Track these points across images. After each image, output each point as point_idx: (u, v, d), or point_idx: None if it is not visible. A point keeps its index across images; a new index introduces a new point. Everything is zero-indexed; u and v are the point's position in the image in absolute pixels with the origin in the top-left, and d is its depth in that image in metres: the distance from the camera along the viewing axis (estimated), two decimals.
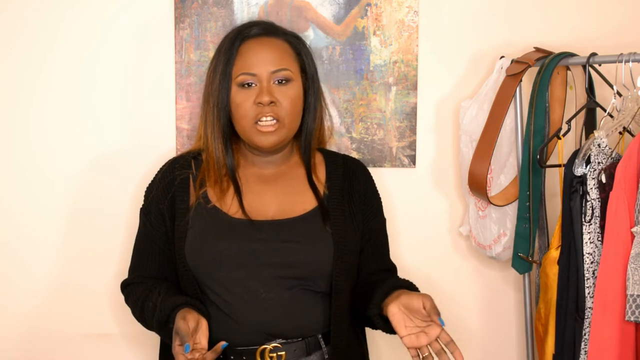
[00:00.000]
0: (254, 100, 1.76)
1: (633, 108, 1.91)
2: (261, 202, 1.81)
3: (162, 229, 1.82)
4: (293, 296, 1.75)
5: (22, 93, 2.19)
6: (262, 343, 1.73)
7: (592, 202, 1.84)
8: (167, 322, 1.69)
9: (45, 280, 2.24)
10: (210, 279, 1.75)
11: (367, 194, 1.90)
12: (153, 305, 1.73)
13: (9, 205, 2.22)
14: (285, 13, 2.18)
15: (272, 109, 1.76)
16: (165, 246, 1.82)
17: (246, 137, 1.80)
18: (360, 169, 1.92)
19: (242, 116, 1.77)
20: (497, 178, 2.16)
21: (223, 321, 1.74)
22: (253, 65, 1.77)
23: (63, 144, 2.21)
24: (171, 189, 1.82)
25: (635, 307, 1.71)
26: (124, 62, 2.19)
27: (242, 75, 1.77)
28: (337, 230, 1.79)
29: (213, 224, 1.78)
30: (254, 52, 1.79)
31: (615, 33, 2.19)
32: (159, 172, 1.89)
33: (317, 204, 1.82)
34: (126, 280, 1.88)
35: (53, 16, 2.17)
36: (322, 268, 1.76)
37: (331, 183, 1.86)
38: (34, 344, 2.26)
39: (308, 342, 1.76)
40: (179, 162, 1.87)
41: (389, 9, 2.19)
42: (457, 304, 2.31)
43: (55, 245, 2.24)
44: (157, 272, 1.83)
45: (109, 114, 2.21)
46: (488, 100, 2.12)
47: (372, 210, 1.90)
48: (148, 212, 1.85)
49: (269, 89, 1.76)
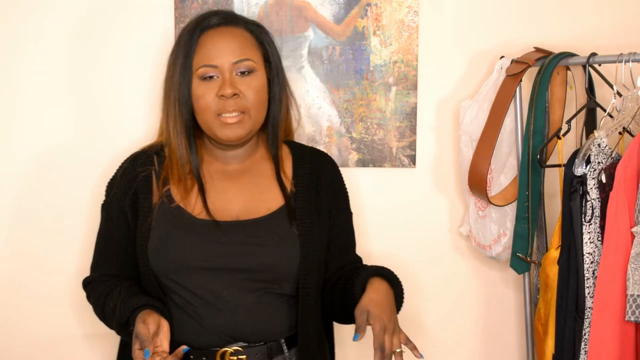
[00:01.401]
0: (216, 93, 1.71)
1: (633, 108, 1.91)
2: (225, 201, 1.76)
3: (124, 227, 1.77)
4: (257, 300, 1.71)
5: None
6: (224, 345, 1.70)
7: (592, 202, 1.84)
8: (128, 323, 1.65)
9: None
10: (173, 281, 1.71)
11: (334, 189, 1.85)
12: (113, 305, 1.69)
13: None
14: (285, 13, 2.18)
15: (236, 102, 1.71)
16: (127, 244, 1.77)
17: (210, 131, 1.74)
18: (328, 163, 1.87)
19: (204, 110, 1.71)
20: (497, 178, 2.16)
21: (185, 322, 1.70)
22: (213, 57, 1.71)
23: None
24: (133, 186, 1.77)
25: (635, 307, 1.71)
26: (124, 62, 2.19)
27: (202, 67, 1.71)
28: (304, 230, 1.74)
29: (177, 225, 1.73)
30: (214, 42, 1.73)
31: (615, 33, 2.19)
32: (119, 167, 1.83)
33: (284, 203, 1.77)
34: (88, 277, 1.84)
35: (49, 14, 2.17)
36: (288, 270, 1.72)
37: (298, 179, 1.81)
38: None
39: (270, 347, 1.72)
40: (140, 158, 1.80)
41: (389, 9, 2.19)
42: (457, 304, 2.31)
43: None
44: (119, 270, 1.78)
45: (108, 114, 2.21)
46: (488, 100, 2.12)
47: (340, 206, 1.86)
48: (109, 209, 1.80)
49: (231, 80, 1.71)
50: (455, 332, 2.33)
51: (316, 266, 1.76)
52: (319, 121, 2.22)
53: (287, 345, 1.75)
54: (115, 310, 1.67)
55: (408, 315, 2.30)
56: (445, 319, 2.32)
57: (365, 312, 1.61)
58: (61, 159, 2.21)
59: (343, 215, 1.87)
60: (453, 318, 2.32)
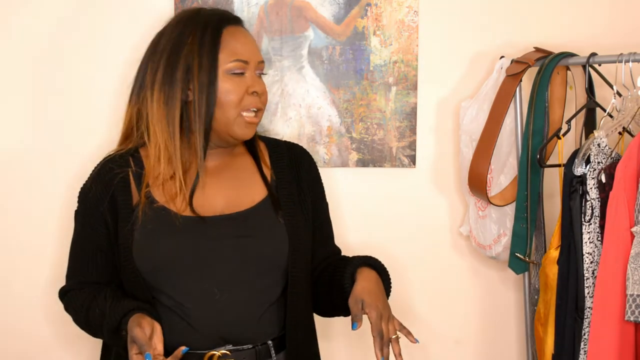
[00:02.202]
0: (246, 90, 1.70)
1: (633, 108, 1.91)
2: (209, 197, 1.73)
3: (103, 232, 1.72)
4: (247, 299, 1.69)
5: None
6: (215, 347, 1.67)
7: (592, 202, 1.84)
8: (119, 328, 1.61)
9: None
10: (162, 281, 1.67)
11: (313, 180, 1.84)
12: (100, 312, 1.65)
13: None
14: (285, 13, 2.18)
15: (260, 100, 1.73)
16: (107, 249, 1.72)
17: (227, 128, 1.71)
18: (304, 155, 1.86)
19: (232, 105, 1.69)
20: (497, 178, 2.16)
21: (175, 324, 1.67)
22: (245, 53, 1.71)
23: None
24: (110, 189, 1.72)
25: (635, 307, 1.71)
26: (124, 62, 2.19)
27: (234, 62, 1.69)
28: (290, 220, 1.73)
29: (161, 223, 1.69)
30: (244, 40, 1.72)
31: (615, 33, 2.19)
32: (93, 172, 1.78)
33: (267, 194, 1.75)
34: (64, 287, 1.79)
35: (49, 16, 2.17)
36: (278, 261, 1.71)
37: (278, 171, 1.80)
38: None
39: (258, 351, 1.70)
40: (115, 161, 1.75)
41: (389, 9, 2.19)
42: (457, 304, 2.31)
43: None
44: (99, 275, 1.74)
45: (99, 114, 2.20)
46: (488, 100, 2.12)
47: (319, 196, 1.86)
48: (86, 215, 1.74)
49: (257, 78, 1.73)
50: (455, 332, 2.33)
51: (304, 256, 1.75)
52: (319, 121, 2.22)
53: (276, 349, 1.72)
54: (105, 317, 1.64)
55: (408, 314, 2.30)
56: (445, 319, 2.32)
57: (359, 301, 1.63)
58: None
59: (323, 206, 1.87)
60: (453, 318, 2.32)
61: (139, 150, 1.77)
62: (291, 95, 2.21)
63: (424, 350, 2.31)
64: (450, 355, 2.32)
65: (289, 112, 2.21)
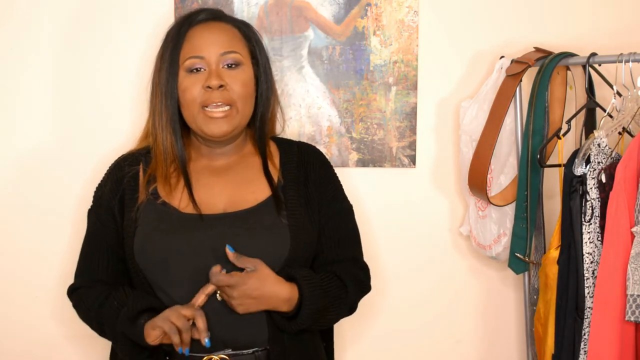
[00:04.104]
0: (202, 85, 1.70)
1: (633, 108, 1.91)
2: (212, 195, 1.74)
3: (112, 227, 1.75)
4: None
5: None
6: (214, 351, 1.66)
7: (592, 202, 1.84)
8: (137, 317, 1.63)
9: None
10: (161, 277, 1.68)
11: (321, 180, 1.82)
12: (119, 303, 1.66)
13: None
14: (285, 13, 2.18)
15: (222, 94, 1.70)
16: (115, 245, 1.75)
17: (196, 126, 1.73)
18: (314, 155, 1.85)
19: (189, 102, 1.71)
20: (497, 178, 2.16)
21: None
22: (201, 49, 1.71)
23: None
24: (121, 186, 1.76)
25: (635, 307, 1.71)
26: (124, 62, 2.19)
27: (190, 59, 1.71)
28: (294, 221, 1.72)
29: (162, 219, 1.71)
30: (202, 35, 1.73)
31: (615, 33, 2.19)
32: (107, 171, 1.83)
33: (271, 193, 1.75)
34: (73, 285, 1.81)
35: (43, 16, 2.17)
36: (276, 262, 1.68)
37: (285, 171, 1.79)
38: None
39: (257, 356, 1.68)
40: (127, 160, 1.81)
41: (389, 9, 2.19)
42: (457, 304, 2.31)
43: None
44: (107, 275, 1.76)
45: (107, 115, 2.21)
46: (488, 100, 2.12)
47: (327, 196, 1.82)
48: (98, 212, 1.78)
49: (218, 72, 1.71)
50: (455, 332, 2.33)
51: (303, 258, 1.73)
52: (319, 121, 2.22)
53: (275, 354, 1.70)
54: (123, 308, 1.65)
55: (408, 314, 2.31)
56: (445, 319, 2.32)
57: (254, 263, 1.63)
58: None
59: (333, 207, 1.82)
60: (453, 318, 2.32)
61: (151, 149, 1.80)
62: (291, 95, 2.21)
63: (424, 350, 2.31)
64: (450, 355, 2.32)
65: (289, 112, 2.21)
